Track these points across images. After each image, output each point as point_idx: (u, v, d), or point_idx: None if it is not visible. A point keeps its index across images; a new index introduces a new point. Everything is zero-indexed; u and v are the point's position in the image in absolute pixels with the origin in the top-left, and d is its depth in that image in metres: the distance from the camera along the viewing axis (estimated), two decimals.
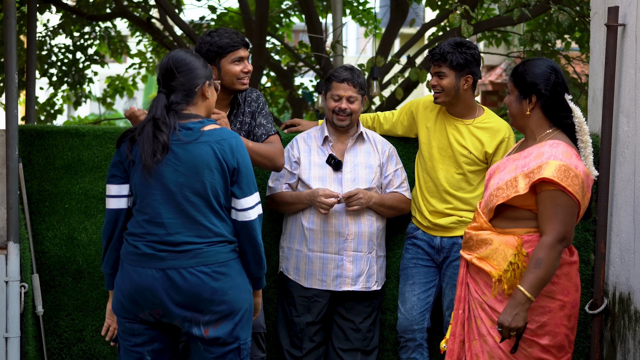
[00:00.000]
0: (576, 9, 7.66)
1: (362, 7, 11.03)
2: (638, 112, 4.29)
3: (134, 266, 3.44)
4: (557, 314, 3.43)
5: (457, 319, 3.59)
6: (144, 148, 3.39)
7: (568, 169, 3.34)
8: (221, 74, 4.14)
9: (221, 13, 10.69)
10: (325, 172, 4.44)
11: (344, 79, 4.42)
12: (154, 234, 3.43)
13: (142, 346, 3.50)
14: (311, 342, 4.46)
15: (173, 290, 3.39)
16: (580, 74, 9.02)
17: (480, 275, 3.50)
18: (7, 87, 4.52)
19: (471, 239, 3.55)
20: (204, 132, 3.45)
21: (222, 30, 4.19)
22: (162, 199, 3.42)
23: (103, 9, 10.05)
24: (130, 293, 3.44)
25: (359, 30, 19.33)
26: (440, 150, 4.44)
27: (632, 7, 4.35)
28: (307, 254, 4.43)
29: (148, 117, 3.44)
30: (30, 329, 4.60)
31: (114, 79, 11.54)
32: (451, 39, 4.37)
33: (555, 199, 3.34)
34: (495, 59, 15.48)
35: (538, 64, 3.51)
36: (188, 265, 3.40)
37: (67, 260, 4.71)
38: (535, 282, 3.30)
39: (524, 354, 3.41)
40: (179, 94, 3.47)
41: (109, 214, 3.54)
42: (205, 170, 3.42)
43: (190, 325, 3.44)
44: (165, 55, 3.56)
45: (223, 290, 3.42)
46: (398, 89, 7.88)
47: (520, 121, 3.55)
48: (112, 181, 3.53)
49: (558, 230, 3.33)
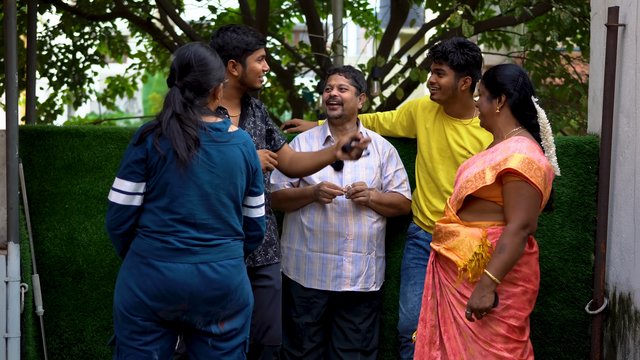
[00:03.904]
0: (577, 9, 7.66)
1: (362, 7, 11.02)
2: (638, 112, 4.29)
3: (164, 262, 3.40)
4: (520, 298, 3.70)
5: (427, 305, 3.85)
6: (176, 143, 3.35)
7: (531, 162, 3.61)
8: (246, 71, 4.12)
9: (221, 13, 10.68)
10: (326, 172, 4.44)
11: (336, 70, 4.50)
12: (185, 231, 3.42)
13: (152, 344, 3.47)
14: (311, 342, 4.46)
15: (205, 285, 3.41)
16: (581, 74, 9.02)
17: (448, 264, 3.76)
18: (7, 87, 4.52)
19: (440, 231, 3.81)
20: (233, 134, 3.48)
21: (243, 27, 4.16)
22: (196, 200, 3.41)
23: (103, 9, 10.04)
24: (158, 290, 3.39)
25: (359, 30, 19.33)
26: (439, 151, 4.44)
27: (632, 7, 4.35)
28: (307, 254, 4.43)
29: (168, 112, 3.40)
30: (30, 329, 4.60)
31: (114, 79, 11.53)
32: (455, 39, 4.36)
33: (519, 189, 3.61)
34: (496, 59, 15.48)
35: (508, 67, 3.80)
36: (218, 259, 3.44)
37: (67, 261, 4.71)
38: (499, 265, 3.58)
39: (491, 332, 3.68)
40: (193, 92, 3.45)
41: (118, 209, 3.44)
42: (237, 172, 3.47)
43: (210, 321, 3.46)
44: (186, 47, 3.52)
45: (243, 283, 3.51)
46: (398, 89, 7.88)
47: (489, 120, 3.82)
48: (131, 178, 3.42)
49: (521, 218, 3.60)
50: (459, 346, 3.73)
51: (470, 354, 3.70)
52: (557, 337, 4.67)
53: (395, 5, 9.28)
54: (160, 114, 3.44)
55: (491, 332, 3.67)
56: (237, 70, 4.12)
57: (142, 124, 4.73)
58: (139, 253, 3.43)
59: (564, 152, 4.65)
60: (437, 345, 3.81)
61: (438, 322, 3.81)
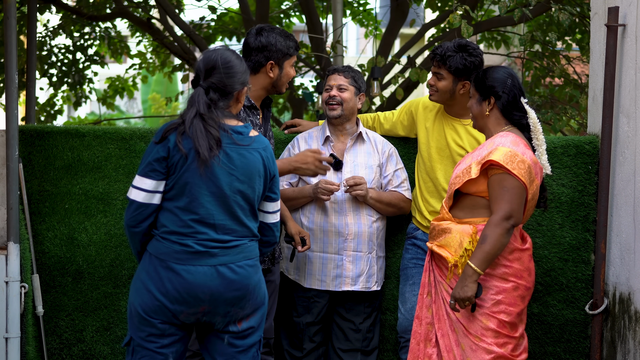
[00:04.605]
0: (576, 9, 7.66)
1: (362, 7, 11.02)
2: (638, 112, 4.29)
3: (184, 265, 3.42)
4: (511, 294, 3.75)
5: (422, 303, 3.91)
6: (199, 142, 3.37)
7: (515, 155, 3.68)
8: (281, 74, 4.14)
9: (221, 13, 10.68)
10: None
11: (335, 70, 4.51)
12: (204, 233, 3.44)
13: (168, 347, 3.50)
14: (311, 342, 4.46)
15: (224, 286, 3.43)
16: (581, 74, 9.02)
17: (442, 261, 3.84)
18: (7, 88, 4.52)
19: (434, 229, 3.90)
20: (254, 138, 3.51)
21: (282, 29, 4.18)
22: (214, 201, 3.44)
23: (103, 9, 10.04)
24: (179, 293, 3.41)
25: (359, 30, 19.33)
26: (438, 150, 4.44)
27: (632, 7, 4.35)
28: (307, 253, 4.43)
29: (192, 111, 3.41)
30: (30, 329, 4.60)
31: (114, 79, 11.52)
32: (456, 41, 4.31)
33: (502, 181, 3.68)
34: (496, 60, 15.48)
35: (497, 70, 3.89)
36: (236, 260, 3.47)
37: (67, 261, 4.71)
38: (481, 255, 3.64)
39: (481, 326, 3.73)
40: (217, 93, 3.47)
41: (138, 207, 3.45)
42: (256, 177, 3.50)
43: (229, 321, 3.49)
44: (213, 50, 3.54)
45: (260, 283, 3.55)
46: (398, 89, 7.88)
47: (480, 121, 3.91)
48: (152, 176, 3.43)
49: (504, 209, 3.66)
50: (452, 343, 3.77)
51: (462, 349, 3.74)
52: (557, 337, 4.67)
53: (395, 5, 9.28)
54: (183, 112, 3.46)
55: (481, 326, 3.72)
56: (273, 72, 4.14)
57: (142, 124, 4.74)
58: (157, 256, 3.45)
59: (564, 152, 4.65)
60: (432, 343, 3.85)
61: (433, 319, 3.86)
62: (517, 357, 3.76)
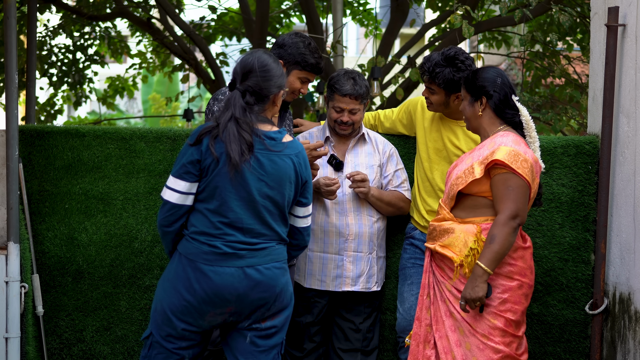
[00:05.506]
0: (577, 9, 7.66)
1: (362, 7, 11.03)
2: (638, 112, 4.29)
3: (212, 266, 3.45)
4: (516, 292, 3.76)
5: (422, 304, 3.91)
6: (231, 146, 3.40)
7: (517, 154, 3.69)
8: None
9: (221, 13, 10.70)
10: (326, 172, 4.44)
11: (346, 94, 4.35)
12: (232, 235, 3.47)
13: (185, 350, 3.55)
14: (311, 342, 4.46)
15: (251, 287, 3.46)
16: (581, 74, 9.02)
17: (444, 261, 3.82)
18: (7, 87, 4.52)
19: (435, 230, 3.88)
20: (287, 144, 3.52)
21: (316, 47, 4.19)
22: (244, 205, 3.47)
23: (103, 9, 10.05)
24: (207, 294, 3.45)
25: (359, 30, 19.33)
26: (436, 150, 4.44)
27: (632, 7, 4.35)
28: (307, 253, 4.43)
29: (227, 115, 3.44)
30: (30, 329, 4.60)
31: (114, 79, 11.53)
32: (445, 51, 4.24)
33: (506, 180, 3.69)
34: (496, 60, 15.48)
35: (486, 70, 3.89)
36: (264, 262, 3.49)
37: (67, 261, 4.71)
38: (490, 255, 3.64)
39: (489, 325, 3.72)
40: (253, 97, 3.49)
41: (171, 208, 3.50)
42: (286, 183, 3.52)
43: (254, 321, 3.51)
44: (250, 53, 3.56)
45: (287, 285, 3.57)
46: (398, 89, 7.88)
47: (474, 122, 3.91)
48: (185, 178, 3.48)
49: (510, 208, 3.66)
50: (450, 344, 3.77)
51: (466, 349, 3.74)
52: (557, 337, 4.67)
53: (395, 5, 9.29)
54: (219, 115, 3.49)
55: (489, 325, 3.72)
56: None
57: (142, 124, 4.74)
58: (186, 256, 3.49)
59: (564, 152, 4.65)
60: (431, 344, 3.85)
61: (432, 321, 3.87)
62: (520, 357, 3.78)
